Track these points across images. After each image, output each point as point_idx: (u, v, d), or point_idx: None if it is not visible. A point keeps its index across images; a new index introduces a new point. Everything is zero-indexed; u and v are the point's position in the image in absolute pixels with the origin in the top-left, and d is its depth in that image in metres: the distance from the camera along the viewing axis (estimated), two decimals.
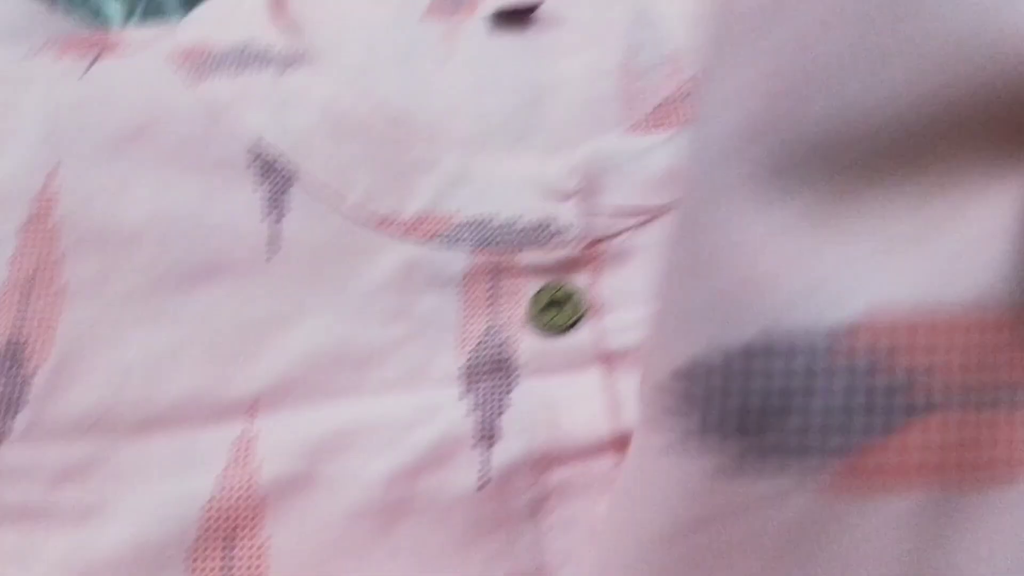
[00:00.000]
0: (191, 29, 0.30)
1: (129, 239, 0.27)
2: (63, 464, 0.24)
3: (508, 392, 0.26)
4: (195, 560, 0.23)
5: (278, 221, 0.27)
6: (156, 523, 0.24)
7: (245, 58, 0.29)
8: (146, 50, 0.30)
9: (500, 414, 0.25)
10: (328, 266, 0.27)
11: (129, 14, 0.43)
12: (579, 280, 0.27)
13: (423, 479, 0.24)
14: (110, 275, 0.26)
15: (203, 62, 0.29)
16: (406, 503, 0.24)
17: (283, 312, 0.26)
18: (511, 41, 0.31)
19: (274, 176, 0.28)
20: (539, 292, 0.27)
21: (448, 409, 0.25)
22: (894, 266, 0.12)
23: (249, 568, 0.23)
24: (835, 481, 0.12)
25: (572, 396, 0.26)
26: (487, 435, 0.25)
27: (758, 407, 0.12)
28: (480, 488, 0.24)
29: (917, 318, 0.11)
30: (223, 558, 0.23)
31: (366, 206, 0.27)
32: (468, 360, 0.26)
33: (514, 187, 0.28)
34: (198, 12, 0.31)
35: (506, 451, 0.25)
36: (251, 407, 0.25)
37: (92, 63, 0.30)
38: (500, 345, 0.26)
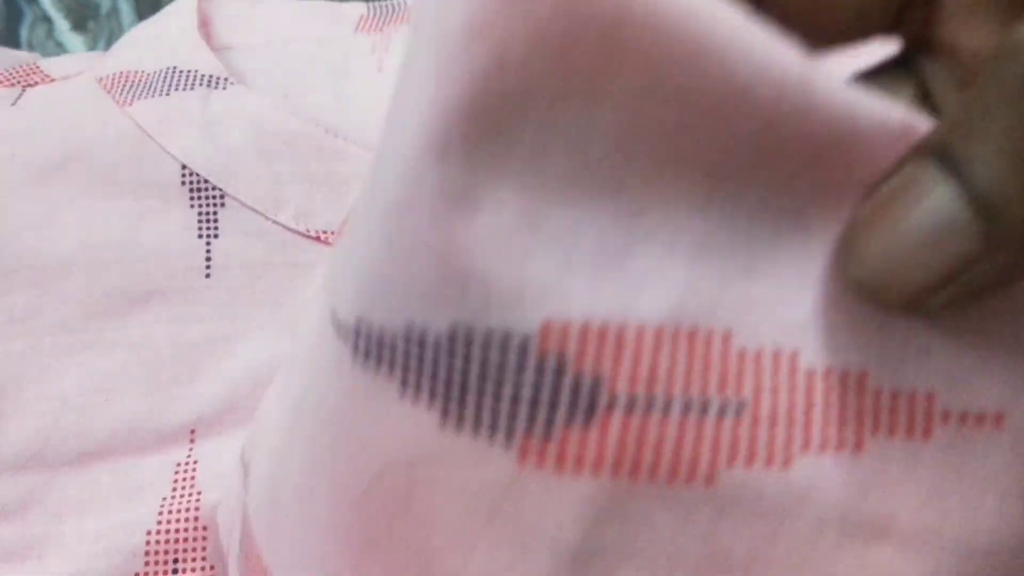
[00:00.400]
0: (121, 54, 0.30)
1: (60, 269, 0.26)
2: (2, 501, 0.24)
3: None
4: None
5: (211, 241, 0.27)
6: (98, 556, 0.23)
7: (173, 80, 0.29)
8: (76, 77, 0.30)
9: None
10: (265, 283, 0.27)
11: (91, 48, 0.43)
12: None
13: None
14: (41, 307, 0.26)
15: (132, 85, 0.29)
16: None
17: (221, 333, 0.26)
18: None
19: (205, 195, 0.27)
20: None
21: None
22: (596, 276, 0.13)
23: None
24: (524, 457, 0.13)
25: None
26: None
27: (459, 382, 0.13)
28: None
29: (608, 327, 0.13)
30: None
31: (300, 222, 0.27)
32: None
33: None
34: (127, 38, 0.31)
35: None
36: (191, 432, 0.25)
37: (22, 93, 0.29)
38: None
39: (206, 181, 0.27)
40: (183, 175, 0.27)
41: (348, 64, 0.31)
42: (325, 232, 0.27)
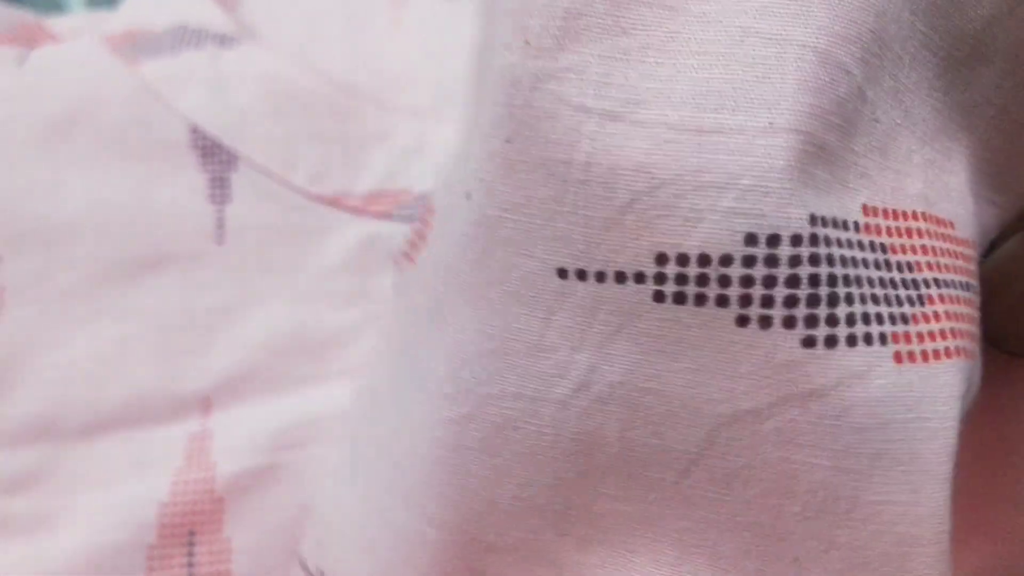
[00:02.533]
0: (128, 12, 0.29)
1: (68, 233, 0.25)
2: (11, 473, 0.23)
3: None
4: (155, 565, 0.22)
5: (224, 205, 0.26)
6: (111, 528, 0.22)
7: (183, 38, 0.28)
8: (83, 35, 0.29)
9: None
10: (279, 249, 0.26)
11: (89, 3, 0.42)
12: None
13: None
14: (49, 272, 0.25)
15: (140, 44, 0.28)
16: None
17: (234, 300, 0.25)
18: (463, 3, 0.30)
19: (217, 158, 0.26)
20: None
21: None
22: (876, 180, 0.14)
23: (213, 570, 0.22)
24: (898, 354, 0.14)
25: None
26: None
27: (816, 296, 0.13)
28: None
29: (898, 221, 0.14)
30: (186, 563, 0.22)
31: (315, 184, 0.26)
32: None
33: None
34: None
35: None
36: (205, 402, 0.24)
37: (28, 54, 0.28)
38: None
39: (217, 143, 0.26)
40: (193, 136, 0.26)
41: (365, 19, 0.30)
42: (341, 196, 0.26)
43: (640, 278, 0.14)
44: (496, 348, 0.15)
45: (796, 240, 0.13)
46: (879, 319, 0.14)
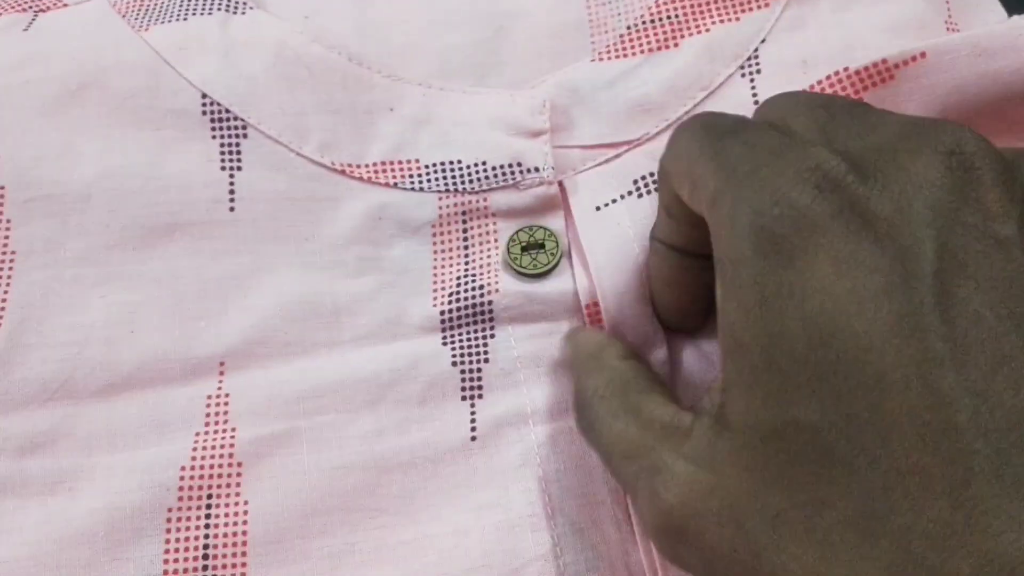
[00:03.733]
0: None
1: (80, 199, 0.25)
2: (29, 434, 0.23)
3: (488, 339, 0.25)
4: (172, 528, 0.23)
5: (234, 174, 0.26)
6: (130, 491, 0.23)
7: (191, 4, 0.28)
8: (90, 1, 0.29)
9: (483, 365, 0.25)
10: (291, 217, 0.26)
11: None
12: (554, 222, 0.26)
13: (412, 434, 0.24)
14: (62, 237, 0.25)
15: (148, 10, 0.28)
16: (394, 458, 0.24)
17: (247, 267, 0.25)
18: None
19: (227, 126, 0.26)
20: (516, 234, 0.26)
21: (429, 360, 0.25)
22: None
23: (229, 531, 0.23)
24: None
25: (556, 347, 0.25)
26: (473, 390, 0.24)
27: None
28: (472, 440, 0.24)
29: None
30: (203, 526, 0.23)
31: (325, 154, 0.26)
32: (446, 307, 0.25)
33: (480, 127, 0.27)
34: None
35: (493, 405, 0.24)
36: (221, 364, 0.25)
37: (35, 18, 0.28)
38: (477, 291, 0.25)
39: (227, 111, 0.26)
40: (204, 104, 0.27)
41: None
42: (350, 165, 0.26)
43: None
44: None
45: None
46: None
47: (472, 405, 0.24)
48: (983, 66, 0.23)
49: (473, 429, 0.24)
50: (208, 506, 0.23)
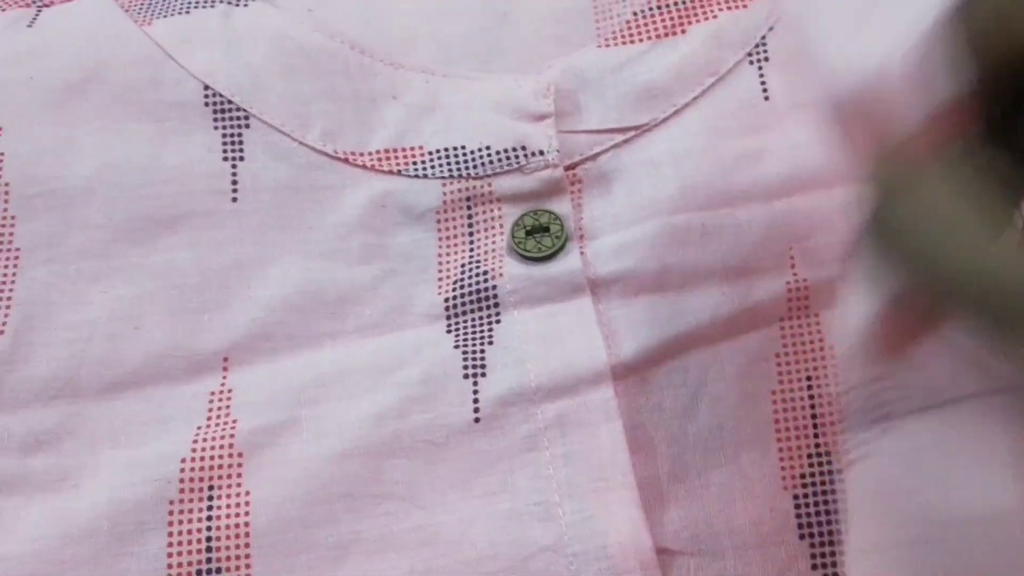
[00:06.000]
0: None
1: (82, 194, 0.25)
2: (33, 431, 0.23)
3: (493, 324, 0.25)
4: (175, 520, 0.22)
5: (237, 164, 0.26)
6: (132, 485, 0.23)
7: None
8: None
9: (487, 347, 0.24)
10: (294, 206, 0.26)
11: None
12: (560, 206, 0.26)
13: (414, 416, 0.23)
14: (64, 233, 0.25)
15: (151, 3, 0.28)
16: (396, 442, 0.23)
17: (250, 258, 0.25)
18: None
19: (229, 116, 0.26)
20: (521, 218, 0.26)
21: (433, 346, 0.24)
22: None
23: (232, 523, 0.22)
24: None
25: (563, 326, 0.24)
26: (476, 369, 0.24)
27: None
28: (475, 421, 0.23)
29: None
30: (205, 518, 0.22)
31: (327, 142, 0.26)
32: (450, 294, 0.25)
33: (484, 112, 0.27)
34: None
35: (497, 384, 0.24)
36: (224, 360, 0.24)
37: (38, 13, 0.28)
38: (481, 276, 0.25)
39: (229, 101, 0.26)
40: (206, 95, 0.26)
41: None
42: (353, 153, 0.26)
43: None
44: None
45: None
46: None
47: (475, 383, 0.24)
48: None
49: (476, 410, 0.23)
50: (210, 497, 0.23)
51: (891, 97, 0.17)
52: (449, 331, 0.25)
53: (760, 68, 0.27)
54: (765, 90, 0.27)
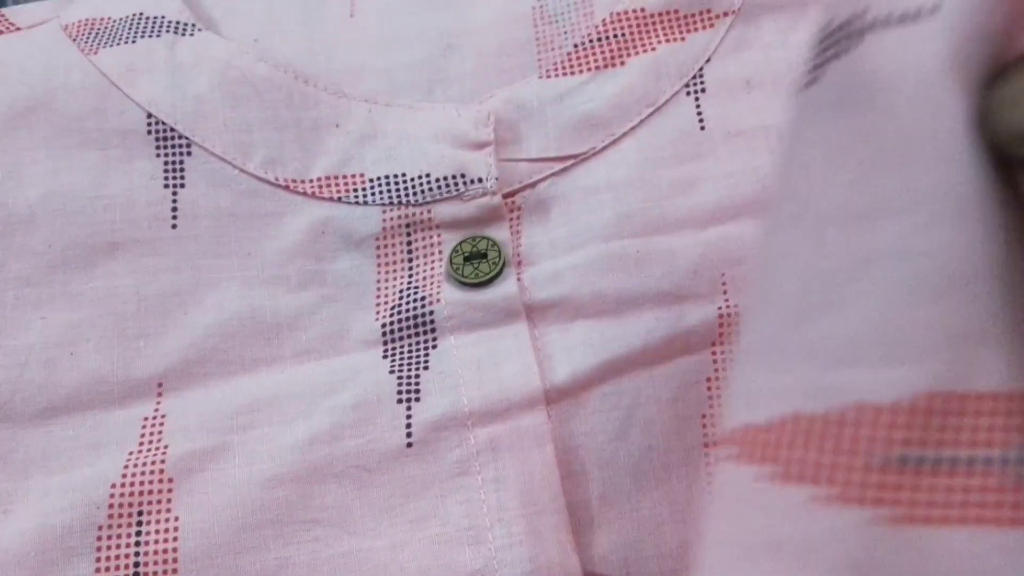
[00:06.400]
0: (87, 1, 0.29)
1: (24, 221, 0.25)
2: None
3: (430, 350, 0.25)
4: (103, 546, 0.22)
5: (177, 191, 0.26)
6: (60, 511, 0.22)
7: (140, 27, 0.28)
8: (42, 25, 0.29)
9: (422, 372, 0.24)
10: (233, 233, 0.26)
11: None
12: (498, 232, 0.26)
13: (346, 442, 0.23)
14: (4, 260, 0.25)
15: (98, 33, 0.28)
16: (327, 467, 0.23)
17: (188, 285, 0.25)
18: None
19: (171, 144, 0.26)
20: (459, 245, 0.26)
21: (369, 371, 0.24)
22: None
23: (160, 549, 0.22)
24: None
25: (499, 351, 0.25)
26: (410, 394, 0.24)
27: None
28: (408, 446, 0.23)
29: None
30: (133, 543, 0.22)
31: (269, 170, 0.26)
32: (387, 320, 0.25)
33: (425, 140, 0.27)
34: None
35: (430, 409, 0.24)
36: (159, 386, 0.24)
37: None
38: (419, 302, 0.25)
39: (172, 129, 0.27)
40: (149, 124, 0.27)
41: (320, 9, 0.30)
42: (294, 180, 0.26)
43: None
44: None
45: None
46: None
47: (408, 408, 0.24)
48: None
49: (409, 435, 0.23)
50: (139, 523, 0.22)
51: None
52: (385, 356, 0.25)
53: (697, 99, 0.28)
54: (701, 120, 0.27)
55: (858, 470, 0.14)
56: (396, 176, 0.26)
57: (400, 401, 0.24)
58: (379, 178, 0.26)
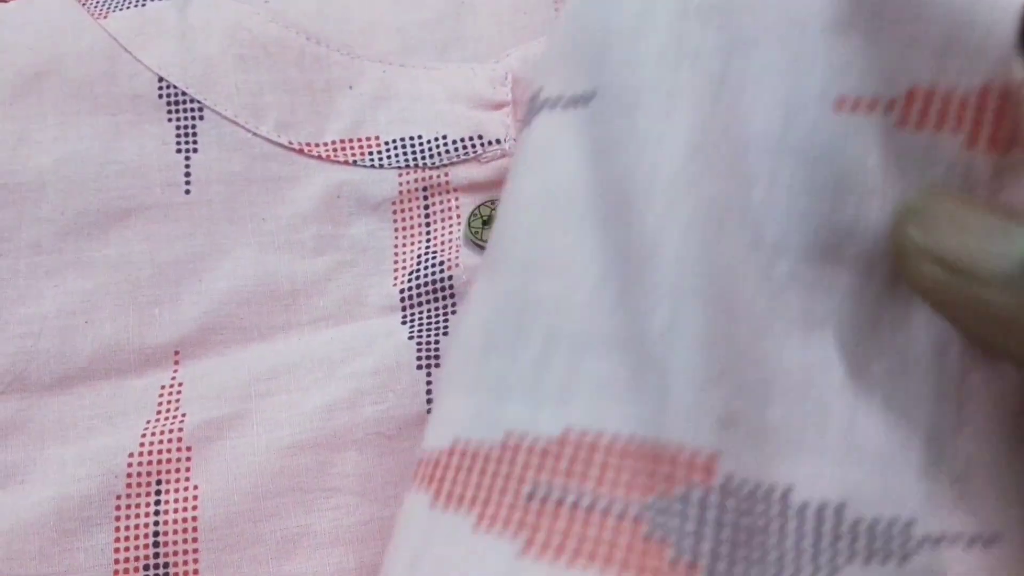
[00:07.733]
0: None
1: (35, 188, 0.25)
2: None
3: (449, 315, 0.24)
4: (122, 515, 0.22)
5: (190, 156, 0.26)
6: (78, 480, 0.22)
7: None
8: None
9: (441, 338, 0.24)
10: (247, 198, 0.25)
11: None
12: None
13: (365, 408, 0.23)
14: (17, 227, 0.25)
15: None
16: (347, 434, 0.23)
17: (203, 250, 0.25)
18: None
19: (183, 108, 0.26)
20: (478, 208, 0.25)
21: (387, 337, 0.24)
22: None
23: (179, 517, 0.22)
24: None
25: None
26: (429, 360, 0.24)
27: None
28: (428, 413, 0.23)
29: None
30: (152, 512, 0.22)
31: (282, 133, 0.26)
32: (406, 285, 0.25)
33: (440, 101, 0.26)
34: None
35: None
36: (176, 353, 0.24)
37: None
38: (437, 267, 0.25)
39: (184, 93, 0.26)
40: (160, 88, 0.26)
41: None
42: (308, 144, 0.26)
43: None
44: None
45: None
46: None
47: (428, 374, 0.23)
48: None
49: (429, 402, 0.23)
50: (157, 492, 0.22)
51: None
52: (404, 322, 0.24)
53: None
54: None
55: (508, 503, 0.15)
56: (412, 138, 0.26)
57: (420, 367, 0.23)
58: (394, 140, 0.26)
